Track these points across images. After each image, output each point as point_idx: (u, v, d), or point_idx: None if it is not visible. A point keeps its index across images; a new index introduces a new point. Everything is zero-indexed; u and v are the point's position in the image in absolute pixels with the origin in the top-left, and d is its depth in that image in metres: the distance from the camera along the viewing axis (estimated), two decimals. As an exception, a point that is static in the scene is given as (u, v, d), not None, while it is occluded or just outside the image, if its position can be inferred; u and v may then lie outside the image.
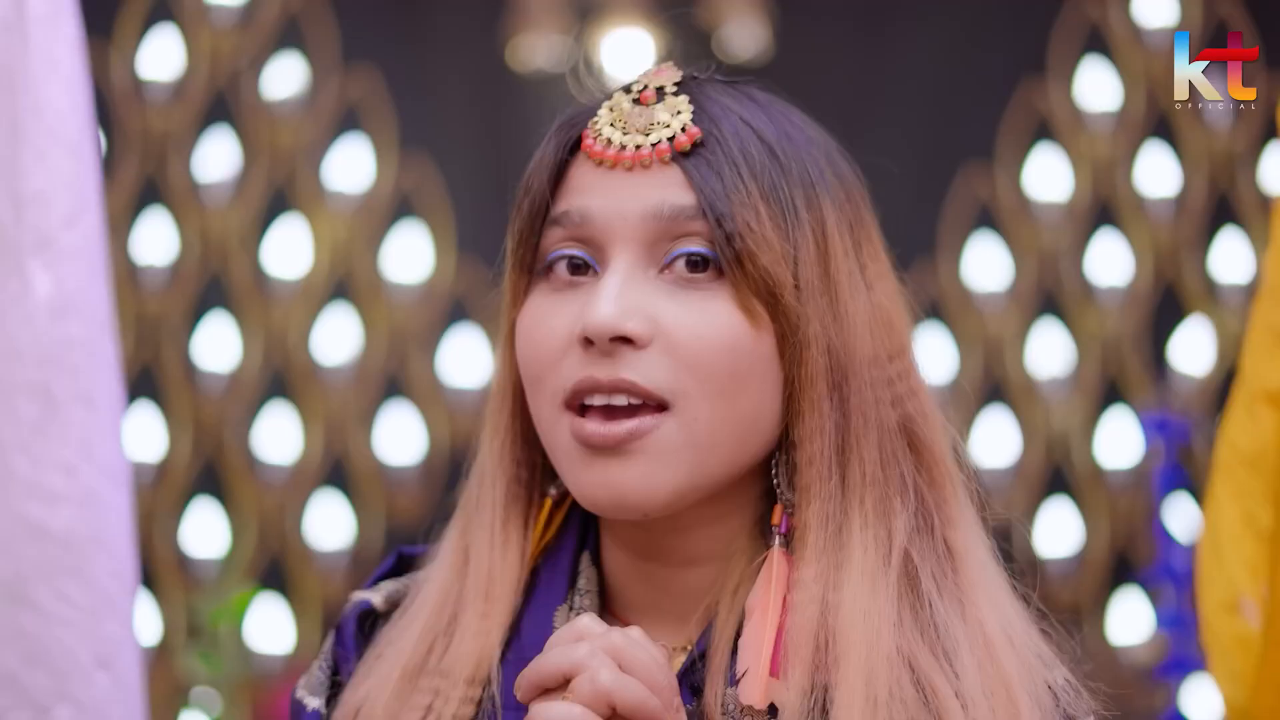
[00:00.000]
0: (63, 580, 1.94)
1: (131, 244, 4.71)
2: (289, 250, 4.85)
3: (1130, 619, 4.74)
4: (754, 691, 1.28)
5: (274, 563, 4.78)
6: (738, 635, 1.32)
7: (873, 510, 1.31)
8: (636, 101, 1.34)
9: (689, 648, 1.35)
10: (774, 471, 1.34)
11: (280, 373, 4.86)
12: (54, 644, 1.93)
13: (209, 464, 4.80)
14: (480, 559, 1.39)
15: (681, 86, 1.35)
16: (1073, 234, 4.94)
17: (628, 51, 4.81)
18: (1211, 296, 4.83)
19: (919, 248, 4.92)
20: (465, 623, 1.37)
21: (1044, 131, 4.95)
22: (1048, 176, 4.95)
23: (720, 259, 1.29)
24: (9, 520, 1.94)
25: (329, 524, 4.81)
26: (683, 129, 1.31)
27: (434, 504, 4.72)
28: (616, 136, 1.32)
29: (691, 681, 1.33)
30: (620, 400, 1.28)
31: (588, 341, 1.28)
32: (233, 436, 4.80)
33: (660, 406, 1.28)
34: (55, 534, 1.95)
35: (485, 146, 4.86)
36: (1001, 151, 4.94)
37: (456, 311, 4.90)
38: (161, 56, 4.78)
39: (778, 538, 1.33)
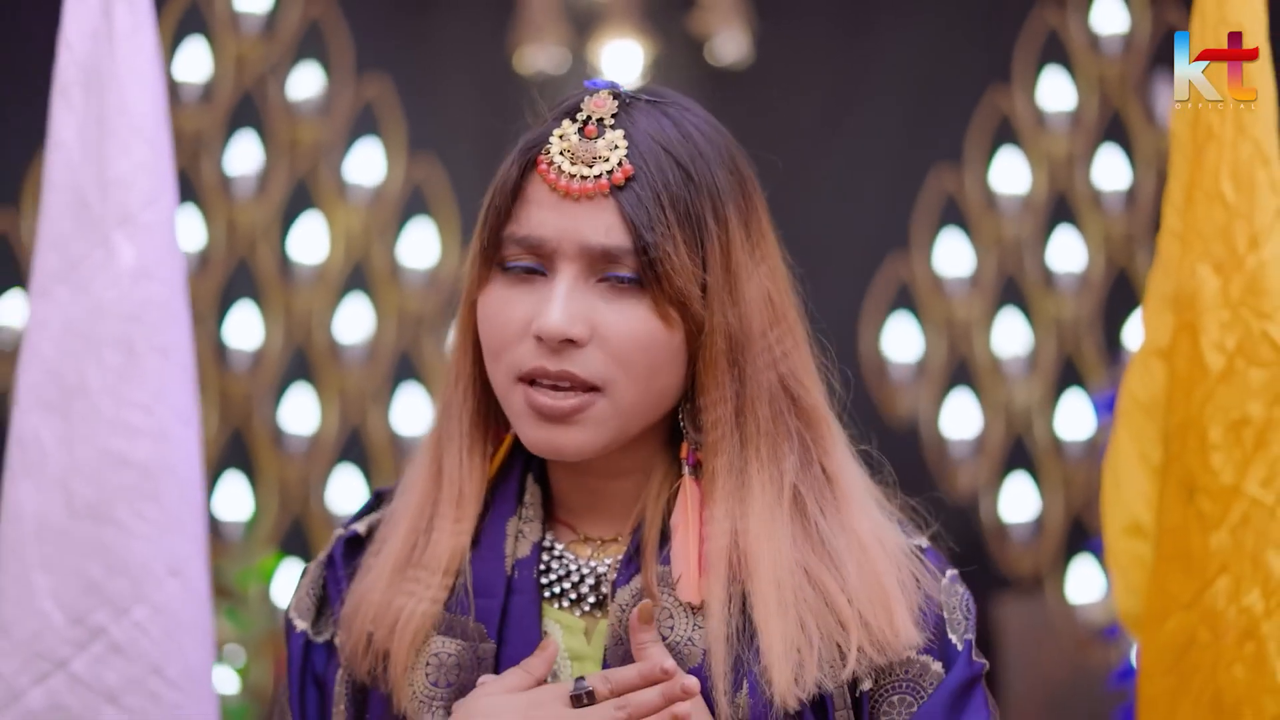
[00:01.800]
0: (140, 502, 2.10)
1: (165, 235, 4.74)
2: (309, 240, 4.89)
3: (1086, 581, 4.78)
4: (689, 591, 1.52)
5: (295, 527, 4.83)
6: (663, 533, 1.56)
7: (766, 456, 1.54)
8: (582, 133, 1.51)
9: (619, 539, 1.60)
10: (681, 419, 1.57)
11: (301, 353, 4.90)
12: (132, 555, 2.08)
13: (236, 436, 4.84)
14: (451, 476, 1.60)
15: (617, 119, 1.51)
16: (1033, 227, 5.01)
17: (623, 60, 4.85)
18: None
19: (893, 240, 4.99)
20: (440, 526, 1.59)
21: (1007, 133, 5.02)
22: (1010, 174, 5.01)
23: (643, 277, 1.49)
24: (96, 451, 2.09)
25: (346, 492, 4.83)
26: (619, 164, 1.49)
27: None
28: (566, 166, 1.50)
29: (634, 566, 1.56)
30: (564, 383, 1.51)
31: (539, 338, 1.50)
32: (258, 411, 4.84)
33: (594, 389, 1.51)
34: (135, 463, 2.10)
35: (487, 147, 4.49)
36: (969, 152, 5.01)
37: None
38: (192, 62, 4.82)
39: (687, 468, 1.55)
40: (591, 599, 1.59)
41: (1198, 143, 2.13)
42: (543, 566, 1.60)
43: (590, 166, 1.49)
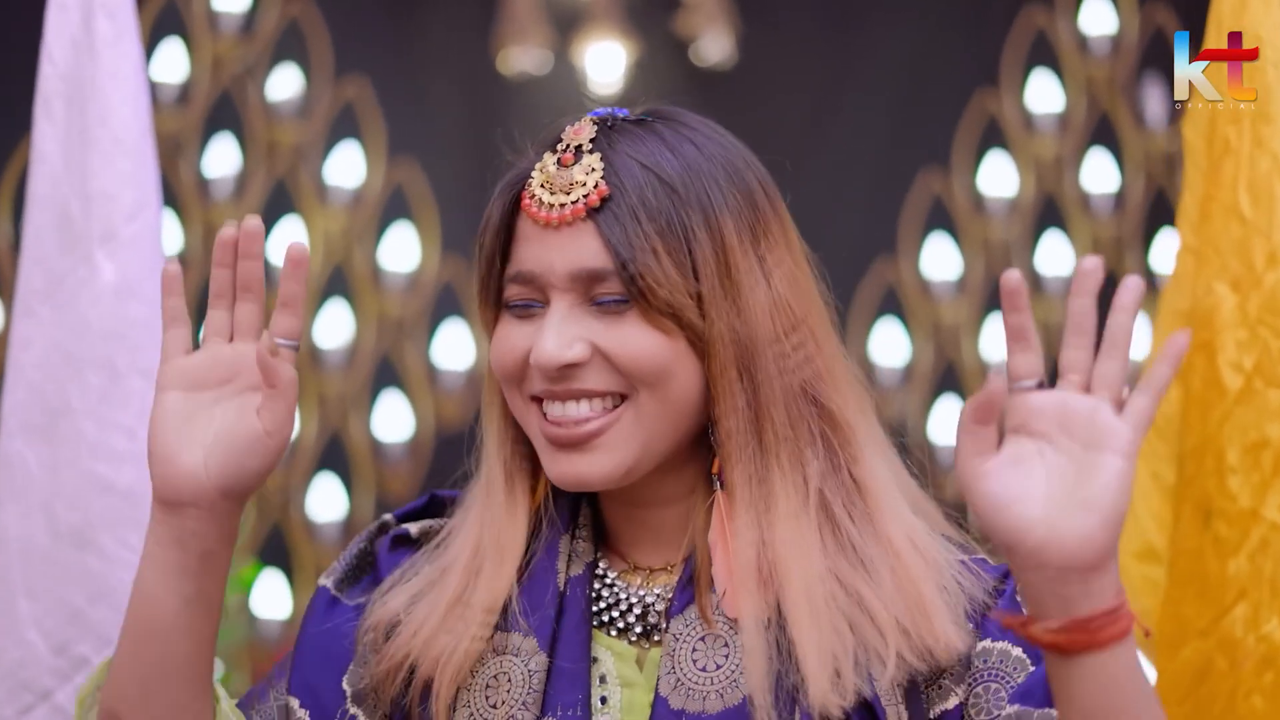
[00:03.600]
0: (124, 529, 2.08)
1: (141, 238, 4.74)
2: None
3: None
4: (734, 606, 1.50)
5: (274, 536, 4.82)
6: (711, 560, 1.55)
7: (788, 463, 1.51)
8: (559, 163, 1.52)
9: (669, 568, 1.58)
10: (711, 432, 1.55)
11: None
12: (116, 584, 2.06)
13: None
14: (492, 521, 1.58)
15: (595, 143, 1.53)
16: (1021, 230, 5.03)
17: (607, 62, 4.87)
18: (1150, 289, 4.81)
19: (880, 244, 4.99)
20: (485, 570, 1.57)
21: (995, 136, 5.03)
22: (998, 177, 5.03)
23: (629, 295, 1.49)
24: (79, 476, 2.09)
25: (326, 500, 4.86)
26: (595, 186, 1.50)
27: (422, 480, 4.81)
28: (545, 197, 1.51)
29: (688, 594, 1.55)
30: (573, 411, 1.51)
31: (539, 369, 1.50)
32: None
33: (621, 396, 1.51)
34: (119, 489, 2.09)
35: (466, 150, 4.83)
36: (956, 155, 5.02)
37: (442, 301, 4.94)
38: (169, 63, 4.81)
39: (718, 485, 1.54)
40: (639, 628, 1.57)
41: (1214, 156, 2.13)
42: (593, 593, 1.59)
43: (568, 194, 1.51)
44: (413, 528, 1.68)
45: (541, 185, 1.53)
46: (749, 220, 1.55)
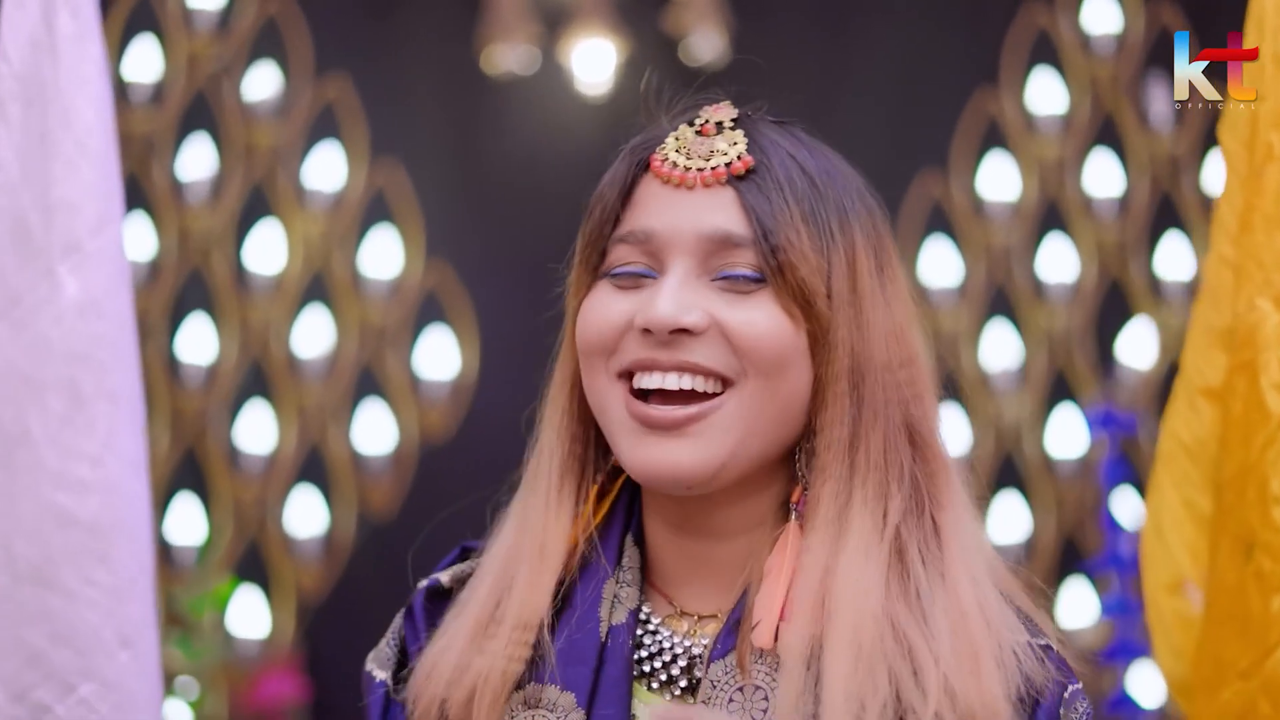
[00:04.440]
0: (88, 565, 2.00)
1: (113, 243, 4.70)
2: (266, 249, 4.86)
3: (1077, 605, 4.76)
4: (764, 636, 1.44)
5: (251, 552, 4.80)
6: None
7: (872, 492, 1.46)
8: (699, 133, 1.49)
9: (719, 615, 1.51)
10: (797, 457, 1.50)
11: (258, 368, 4.86)
12: (80, 624, 1.99)
13: (189, 456, 4.79)
14: (535, 521, 1.54)
15: (737, 122, 1.50)
16: (1023, 235, 4.99)
17: (595, 60, 4.84)
18: (1155, 295, 4.87)
19: (891, 245, 5.00)
20: (520, 575, 1.52)
21: (996, 137, 5.00)
22: (999, 180, 5.00)
23: (764, 270, 1.44)
24: (39, 508, 2.00)
25: (305, 515, 4.83)
26: (738, 156, 1.47)
27: (404, 494, 4.80)
28: (681, 160, 1.48)
29: (733, 639, 1.47)
30: (673, 383, 1.44)
31: (647, 332, 1.43)
32: (212, 430, 4.81)
33: (724, 381, 1.44)
34: (82, 521, 2.00)
35: (451, 152, 4.91)
36: (955, 157, 4.98)
37: (426, 309, 4.92)
38: (142, 61, 4.78)
39: (794, 513, 1.48)
40: (684, 681, 1.51)
41: (1255, 164, 2.06)
42: (635, 641, 1.53)
43: (706, 160, 1.48)
44: (444, 576, 1.62)
45: (677, 150, 1.49)
46: (874, 242, 1.52)
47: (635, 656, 1.51)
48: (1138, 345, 4.91)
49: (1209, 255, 2.24)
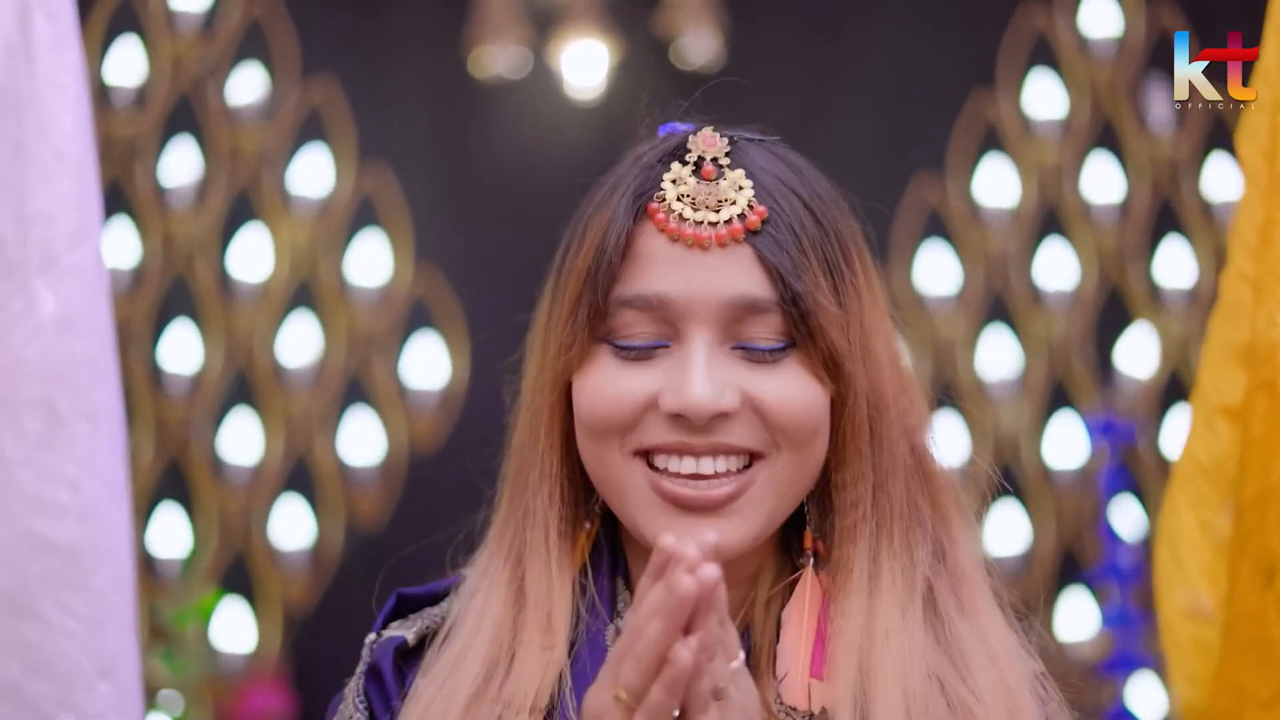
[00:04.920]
0: (66, 592, 1.95)
1: (95, 250, 4.68)
2: (251, 255, 4.85)
3: (1077, 617, 4.73)
4: (796, 693, 1.38)
5: (236, 563, 4.78)
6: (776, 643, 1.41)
7: (899, 544, 1.41)
8: (697, 174, 1.39)
9: None
10: (805, 507, 1.43)
11: (243, 376, 4.85)
12: (57, 654, 1.94)
13: (173, 466, 4.78)
14: (539, 596, 1.44)
15: (732, 157, 1.40)
16: (1020, 240, 4.97)
17: (586, 62, 4.81)
18: (1155, 302, 4.85)
19: (872, 254, 4.92)
20: (527, 655, 1.42)
21: (993, 141, 4.98)
22: (996, 185, 4.97)
23: (794, 336, 1.35)
24: (14, 534, 1.94)
25: (291, 525, 4.80)
26: (750, 206, 1.37)
27: (393, 505, 4.77)
28: (689, 213, 1.37)
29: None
30: (708, 467, 1.35)
31: (677, 416, 1.34)
32: (196, 439, 4.79)
33: (754, 456, 1.36)
34: (59, 547, 1.95)
35: (441, 155, 4.88)
36: (952, 161, 4.96)
37: (415, 316, 4.89)
38: (125, 64, 4.77)
39: (811, 559, 1.42)
40: None
41: (1276, 175, 2.04)
42: None
43: (716, 211, 1.38)
44: (408, 634, 1.51)
45: (679, 199, 1.38)
46: (865, 263, 1.46)
47: None
48: (1137, 353, 4.88)
49: (1226, 270, 2.21)
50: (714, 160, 1.40)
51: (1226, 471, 2.18)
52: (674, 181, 1.39)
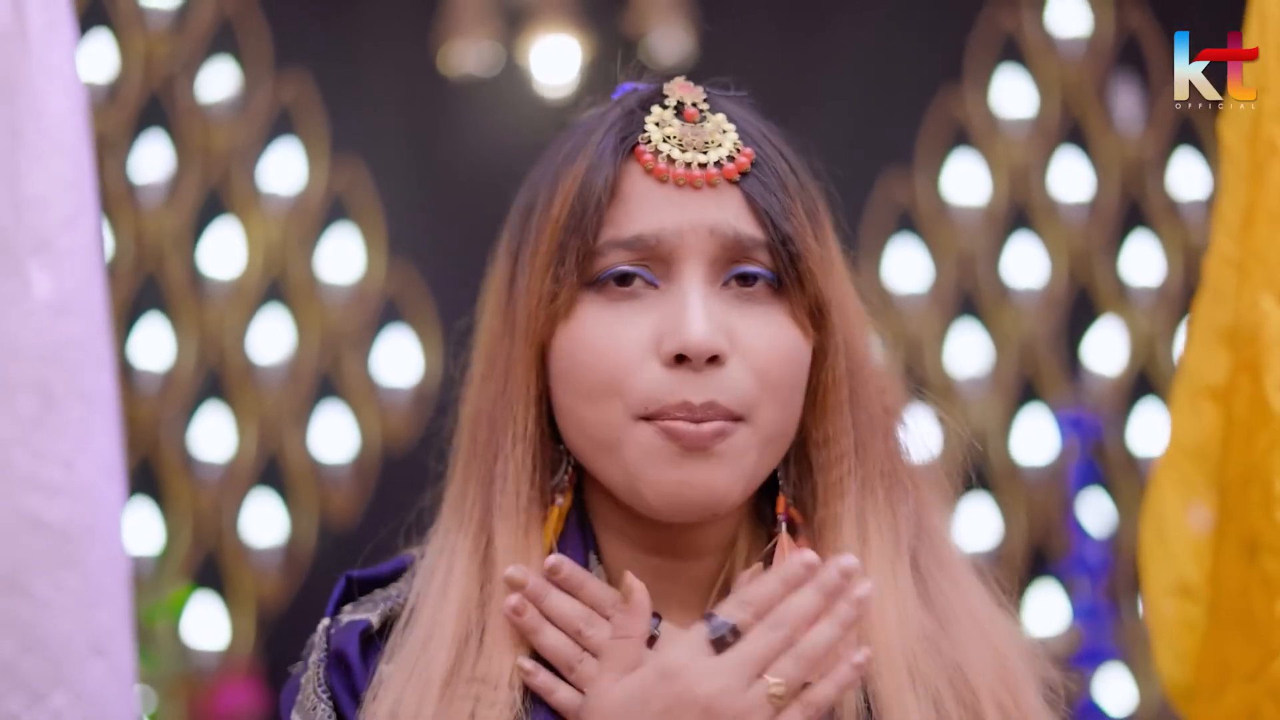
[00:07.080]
0: (60, 571, 1.91)
1: (65, 245, 4.68)
2: (223, 251, 4.86)
3: (1046, 611, 4.74)
4: None
5: (209, 560, 4.77)
6: None
7: (883, 502, 1.38)
8: (680, 116, 1.37)
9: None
10: (778, 469, 1.40)
11: (215, 372, 4.85)
12: (51, 632, 1.90)
13: (144, 463, 4.77)
14: (509, 561, 1.38)
15: (711, 104, 1.38)
16: (990, 237, 4.99)
17: (556, 58, 4.83)
18: (1123, 298, 4.88)
19: (842, 250, 4.98)
20: (499, 626, 1.37)
21: (961, 138, 5.00)
22: (965, 181, 4.99)
23: (783, 279, 1.33)
24: (7, 513, 1.91)
25: (263, 522, 4.80)
26: (736, 149, 1.35)
27: (366, 501, 4.78)
28: (676, 154, 1.34)
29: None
30: (707, 430, 1.31)
31: (678, 358, 1.30)
32: (168, 436, 4.79)
33: (736, 419, 1.32)
34: (53, 526, 1.92)
35: (413, 151, 4.89)
36: (920, 157, 4.98)
37: (388, 312, 4.90)
38: (96, 59, 4.78)
39: (784, 524, 1.39)
40: None
41: (1257, 159, 2.02)
42: None
43: (704, 153, 1.35)
44: (372, 617, 1.45)
45: (665, 140, 1.35)
46: (828, 224, 1.43)
47: None
48: (1105, 349, 4.91)
49: (1209, 253, 2.20)
50: (694, 104, 1.38)
51: (1211, 453, 2.16)
52: (658, 124, 1.36)
